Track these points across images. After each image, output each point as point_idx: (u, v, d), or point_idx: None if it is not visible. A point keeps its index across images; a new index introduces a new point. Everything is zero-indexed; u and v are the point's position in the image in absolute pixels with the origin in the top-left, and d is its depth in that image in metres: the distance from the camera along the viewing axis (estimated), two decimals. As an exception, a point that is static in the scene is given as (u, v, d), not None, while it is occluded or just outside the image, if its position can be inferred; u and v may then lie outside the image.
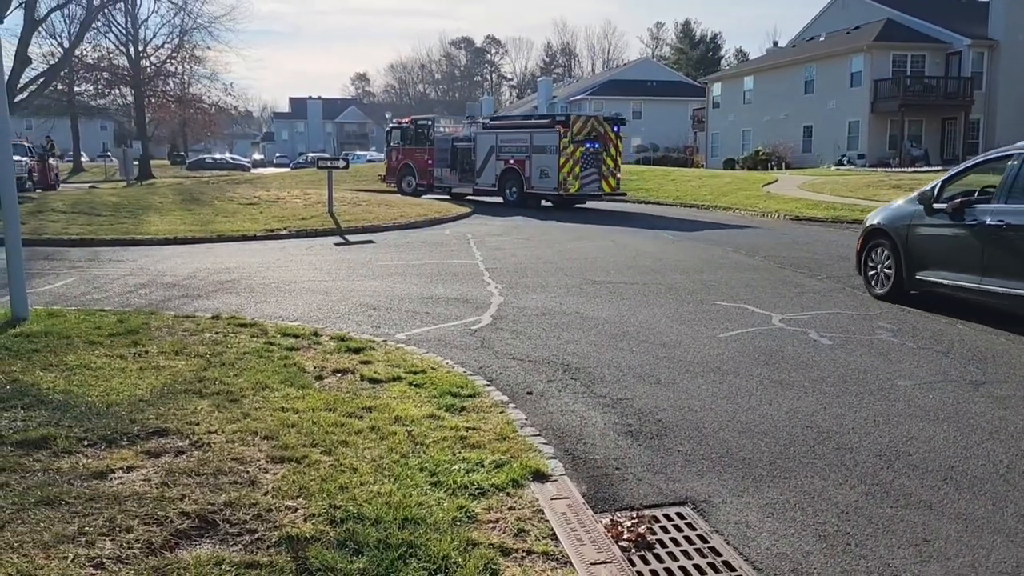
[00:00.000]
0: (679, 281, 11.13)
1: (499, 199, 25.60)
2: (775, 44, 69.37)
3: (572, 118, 24.09)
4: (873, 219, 10.43)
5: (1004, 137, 38.83)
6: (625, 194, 26.34)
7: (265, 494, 3.90)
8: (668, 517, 4.11)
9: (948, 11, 42.05)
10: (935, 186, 9.44)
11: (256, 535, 3.51)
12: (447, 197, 27.47)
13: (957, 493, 4.34)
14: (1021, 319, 8.27)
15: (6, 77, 7.60)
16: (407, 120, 30.80)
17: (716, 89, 53.32)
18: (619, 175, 24.68)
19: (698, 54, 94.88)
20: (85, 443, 4.45)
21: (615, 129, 24.29)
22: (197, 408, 5.11)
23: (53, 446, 4.35)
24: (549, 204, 25.03)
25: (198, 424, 4.81)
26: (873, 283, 10.15)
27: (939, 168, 35.59)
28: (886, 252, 9.89)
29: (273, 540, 3.47)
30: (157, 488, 3.87)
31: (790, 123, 44.39)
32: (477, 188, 26.14)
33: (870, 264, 10.25)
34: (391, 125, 31.86)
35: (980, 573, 3.53)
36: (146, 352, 6.50)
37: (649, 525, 3.99)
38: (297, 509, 3.76)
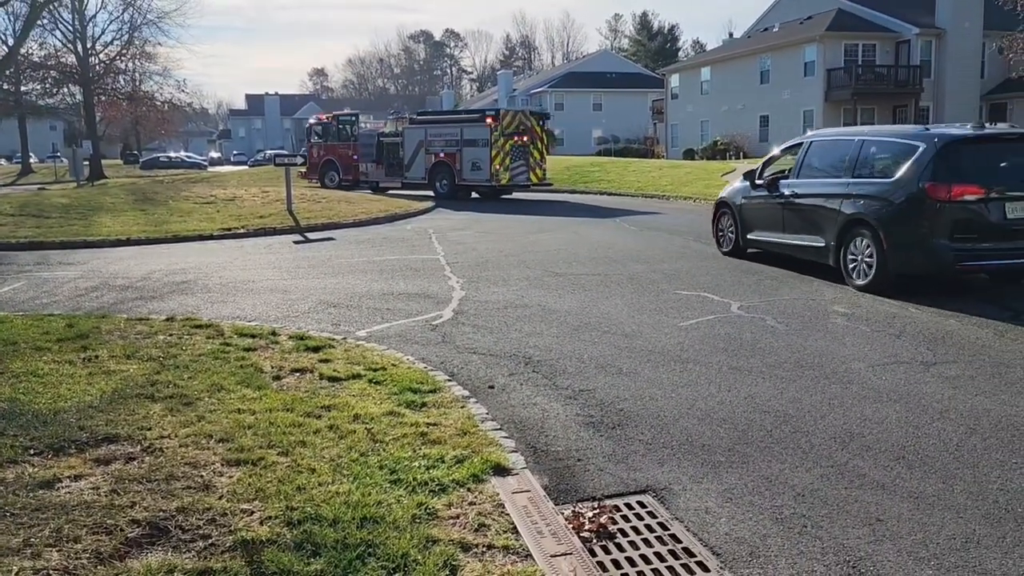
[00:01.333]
0: (640, 271, 11.19)
1: (429, 192, 26.00)
2: (731, 35, 70.03)
3: (502, 112, 24.90)
4: (721, 194, 13.17)
5: (953, 122, 39.68)
6: (551, 184, 26.96)
7: (220, 498, 3.83)
8: (629, 506, 4.13)
9: (897, 1, 42.84)
10: (758, 168, 12.12)
11: (210, 540, 3.44)
12: (369, 191, 27.89)
13: (909, 472, 4.42)
14: (803, 262, 11.02)
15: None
16: (328, 116, 31.14)
17: (674, 80, 53.68)
18: (545, 166, 25.63)
19: (656, 46, 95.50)
20: (31, 452, 4.32)
21: (541, 123, 25.32)
22: (149, 412, 4.99)
23: (-2, 456, 4.22)
24: (477, 196, 25.56)
25: (150, 429, 4.70)
26: (721, 244, 12.82)
27: (892, 155, 36.29)
28: (728, 219, 12.53)
29: (227, 545, 3.40)
30: (106, 496, 3.77)
31: (747, 113, 44.89)
32: (406, 181, 26.67)
33: (719, 229, 12.91)
34: (310, 121, 32.16)
35: (931, 549, 3.60)
36: (96, 357, 6.35)
37: (611, 515, 3.99)
38: (253, 512, 3.70)
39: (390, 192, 27.16)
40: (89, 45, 44.54)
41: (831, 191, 10.25)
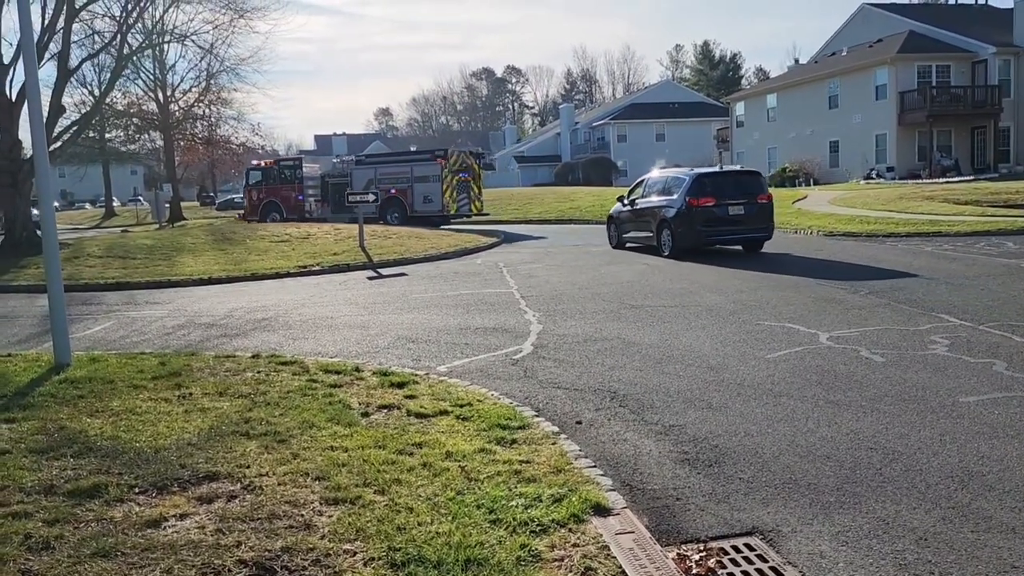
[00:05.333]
0: (719, 302, 10.94)
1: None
2: (796, 61, 69.27)
3: (449, 152, 28.91)
4: (610, 212, 20.34)
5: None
6: (488, 214, 30.62)
7: (322, 538, 3.80)
8: (737, 549, 3.95)
9: (971, 20, 41.67)
10: (627, 192, 19.35)
11: (316, 581, 3.41)
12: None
13: (1042, 515, 4.12)
14: (648, 247, 17.86)
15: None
16: (269, 162, 34.13)
17: (739, 108, 53.16)
18: (482, 198, 29.70)
19: (718, 74, 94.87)
20: (136, 490, 4.39)
21: (479, 162, 29.97)
22: (246, 450, 5.04)
23: (105, 495, 4.29)
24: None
25: (248, 467, 4.73)
26: (611, 242, 19.84)
27: (971, 177, 35.04)
28: (613, 227, 19.79)
29: (334, 586, 3.36)
30: (212, 535, 3.78)
31: (816, 139, 44.05)
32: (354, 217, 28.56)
33: (609, 233, 20.09)
34: (249, 167, 34.80)
35: (1081, 602, 3.32)
36: (190, 394, 6.47)
37: (718, 558, 3.83)
38: (355, 553, 3.66)
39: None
40: (169, 93, 46.52)
41: (655, 204, 17.50)
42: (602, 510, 4.22)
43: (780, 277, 13.15)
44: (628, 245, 18.95)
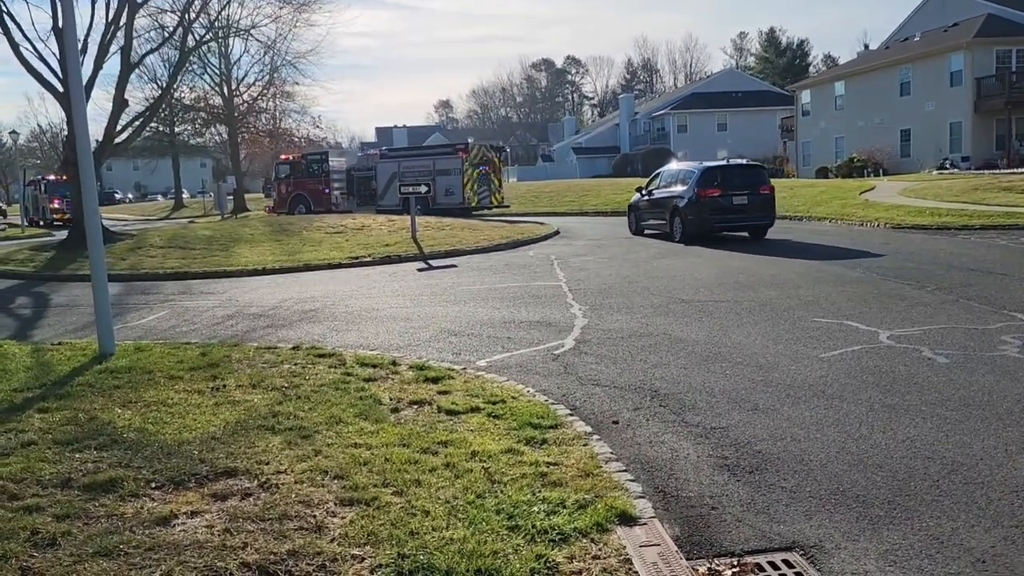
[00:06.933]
0: (774, 297, 10.50)
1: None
2: (866, 47, 66.77)
3: (470, 145, 30.29)
4: (630, 202, 22.00)
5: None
6: (509, 206, 31.01)
7: (331, 541, 3.66)
8: (774, 565, 3.67)
9: (1056, 0, 39.41)
10: (646, 183, 21.24)
11: (319, 589, 3.26)
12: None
13: (1119, 539, 3.72)
14: (663, 234, 19.43)
15: (89, 123, 7.79)
16: (297, 156, 34.92)
17: (805, 96, 51.56)
18: (503, 191, 30.53)
19: (784, 62, 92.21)
20: (153, 485, 4.33)
21: (499, 156, 30.75)
22: (268, 446, 4.95)
23: (120, 489, 4.24)
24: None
25: (268, 463, 4.64)
26: (631, 229, 21.50)
27: (1054, 167, 33.20)
28: (633, 215, 21.51)
29: (336, 595, 3.21)
30: (219, 536, 3.68)
31: (886, 127, 42.39)
32: (380, 208, 29.71)
33: (629, 221, 21.81)
34: (278, 162, 35.67)
35: None
36: (224, 386, 6.44)
37: (752, 574, 3.56)
38: (364, 559, 3.50)
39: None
40: (234, 87, 47.52)
41: (669, 194, 19.17)
42: (628, 519, 3.98)
43: (841, 271, 12.59)
44: (646, 232, 20.62)
